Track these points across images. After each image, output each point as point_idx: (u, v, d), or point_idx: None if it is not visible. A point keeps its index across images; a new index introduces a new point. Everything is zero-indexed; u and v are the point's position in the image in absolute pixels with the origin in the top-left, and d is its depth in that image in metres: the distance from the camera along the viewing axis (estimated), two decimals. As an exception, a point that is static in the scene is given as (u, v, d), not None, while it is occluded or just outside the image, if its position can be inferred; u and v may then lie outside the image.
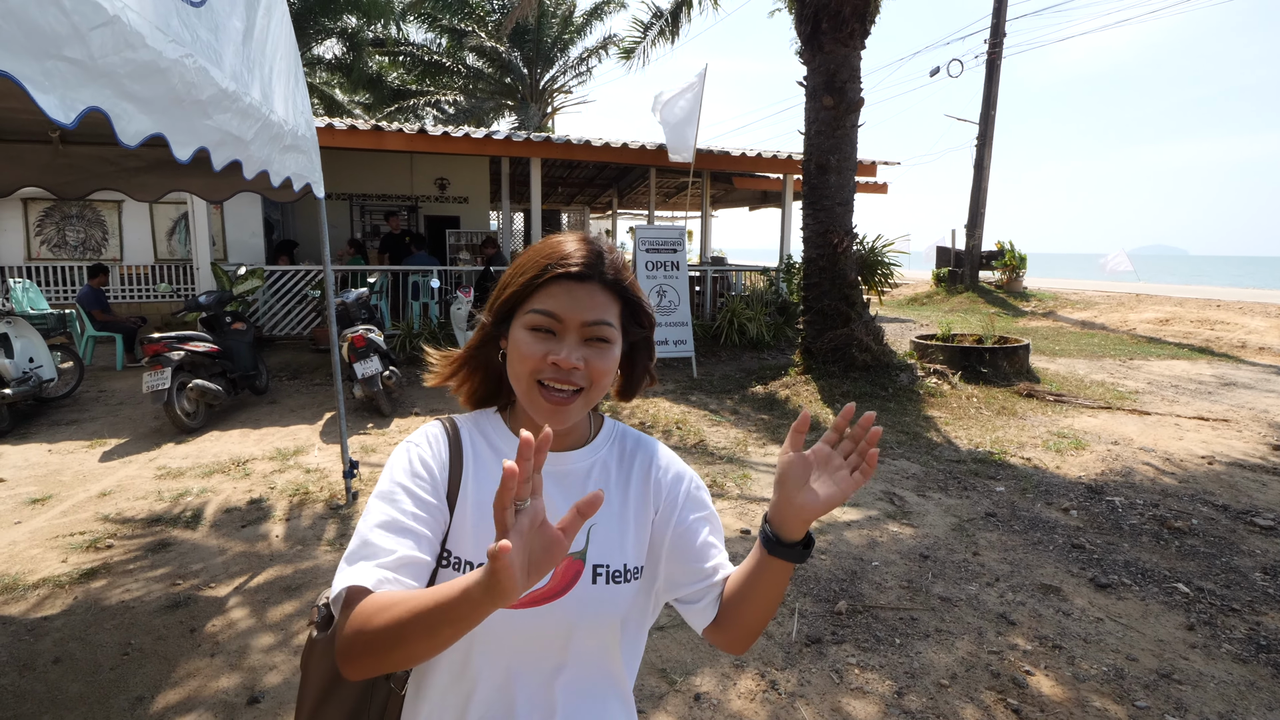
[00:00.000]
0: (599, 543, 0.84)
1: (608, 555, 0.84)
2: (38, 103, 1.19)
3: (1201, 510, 3.91)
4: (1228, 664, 2.50)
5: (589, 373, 0.79)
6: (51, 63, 1.26)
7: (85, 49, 1.35)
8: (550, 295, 0.79)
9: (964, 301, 15.01)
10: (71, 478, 4.38)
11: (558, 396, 0.78)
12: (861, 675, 2.42)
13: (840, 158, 6.86)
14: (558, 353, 0.77)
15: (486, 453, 0.86)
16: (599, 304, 0.80)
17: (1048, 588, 3.04)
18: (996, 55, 14.74)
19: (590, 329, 0.79)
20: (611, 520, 0.86)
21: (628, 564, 0.85)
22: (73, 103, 1.32)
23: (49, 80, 1.26)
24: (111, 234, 10.27)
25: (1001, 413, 6.07)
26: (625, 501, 0.88)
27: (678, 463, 0.94)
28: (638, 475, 0.90)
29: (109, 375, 7.33)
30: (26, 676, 2.41)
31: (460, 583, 0.60)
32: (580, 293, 0.79)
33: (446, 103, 21.28)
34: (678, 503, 0.90)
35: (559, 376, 0.77)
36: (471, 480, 0.84)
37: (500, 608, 0.59)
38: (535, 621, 0.80)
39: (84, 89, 1.35)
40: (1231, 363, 8.67)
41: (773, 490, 0.81)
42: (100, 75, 1.42)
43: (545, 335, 0.79)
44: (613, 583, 0.83)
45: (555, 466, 0.86)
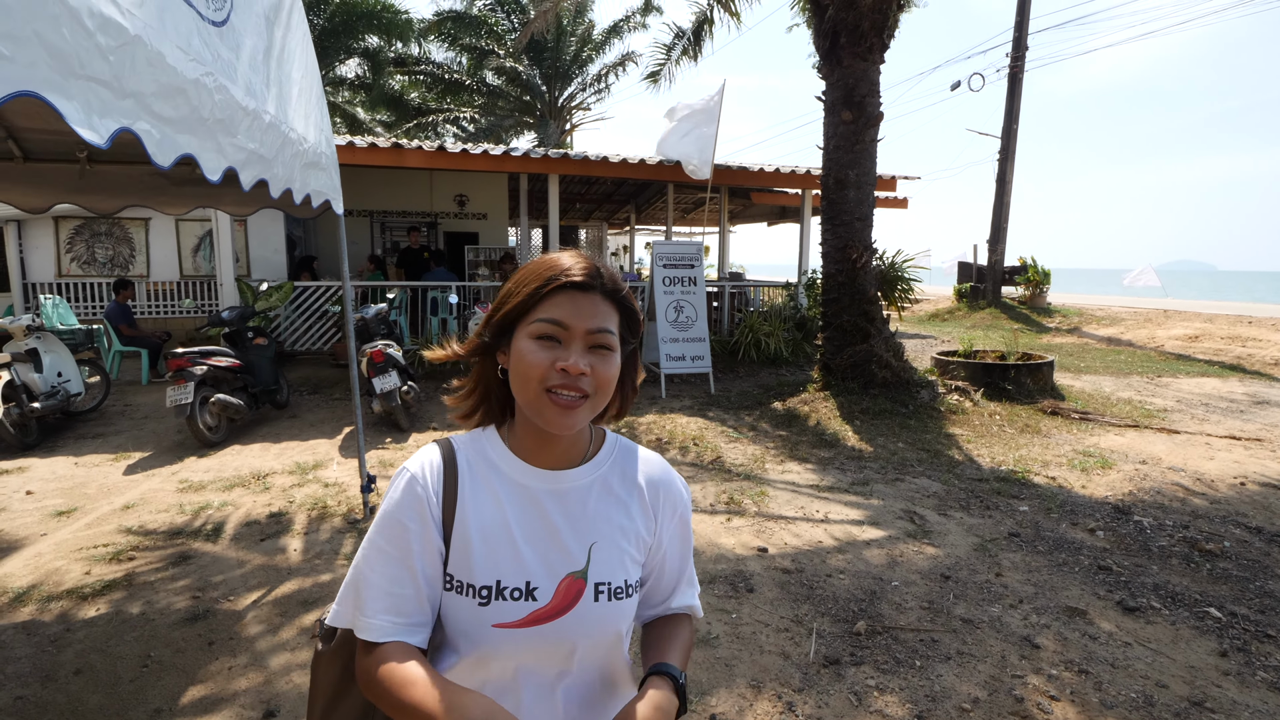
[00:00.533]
0: (600, 561, 0.85)
1: (609, 573, 0.85)
2: (71, 125, 1.22)
3: (1234, 532, 3.79)
4: (1263, 692, 2.40)
5: (595, 379, 0.80)
6: (78, 83, 1.28)
7: (110, 69, 1.37)
8: (555, 305, 0.80)
9: (986, 317, 14.82)
10: (96, 490, 4.46)
11: (567, 399, 0.79)
12: (880, 698, 2.36)
13: (859, 172, 6.84)
14: (566, 359, 0.79)
15: (485, 473, 0.87)
16: (602, 312, 0.82)
17: (1073, 610, 2.95)
18: (1019, 68, 14.67)
19: (595, 336, 0.81)
20: (613, 537, 0.87)
21: (629, 580, 0.87)
22: (103, 124, 1.35)
23: (77, 102, 1.28)
24: (139, 251, 10.53)
25: (1025, 430, 5.96)
26: (628, 515, 0.89)
27: (673, 475, 0.96)
28: (636, 488, 0.91)
29: (134, 389, 7.48)
30: (48, 688, 2.43)
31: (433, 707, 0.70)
32: (584, 301, 0.81)
33: (466, 120, 21.65)
34: (673, 519, 0.93)
35: (567, 382, 0.79)
36: (470, 503, 0.84)
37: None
38: (540, 638, 0.82)
39: (112, 110, 1.38)
40: (1265, 381, 8.44)
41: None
42: (126, 95, 1.45)
43: (551, 344, 0.80)
44: (614, 599, 0.85)
45: (556, 484, 0.86)
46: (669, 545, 0.93)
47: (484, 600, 0.81)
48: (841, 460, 5.16)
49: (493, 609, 0.80)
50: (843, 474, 4.83)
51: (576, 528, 0.85)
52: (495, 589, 0.81)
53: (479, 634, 0.81)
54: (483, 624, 0.80)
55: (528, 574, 0.82)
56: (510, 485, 0.85)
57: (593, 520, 0.86)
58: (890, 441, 5.60)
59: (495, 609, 0.81)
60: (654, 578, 0.94)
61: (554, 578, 0.82)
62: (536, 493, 0.85)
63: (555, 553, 0.84)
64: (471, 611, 0.81)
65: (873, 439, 5.66)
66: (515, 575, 0.81)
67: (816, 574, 3.29)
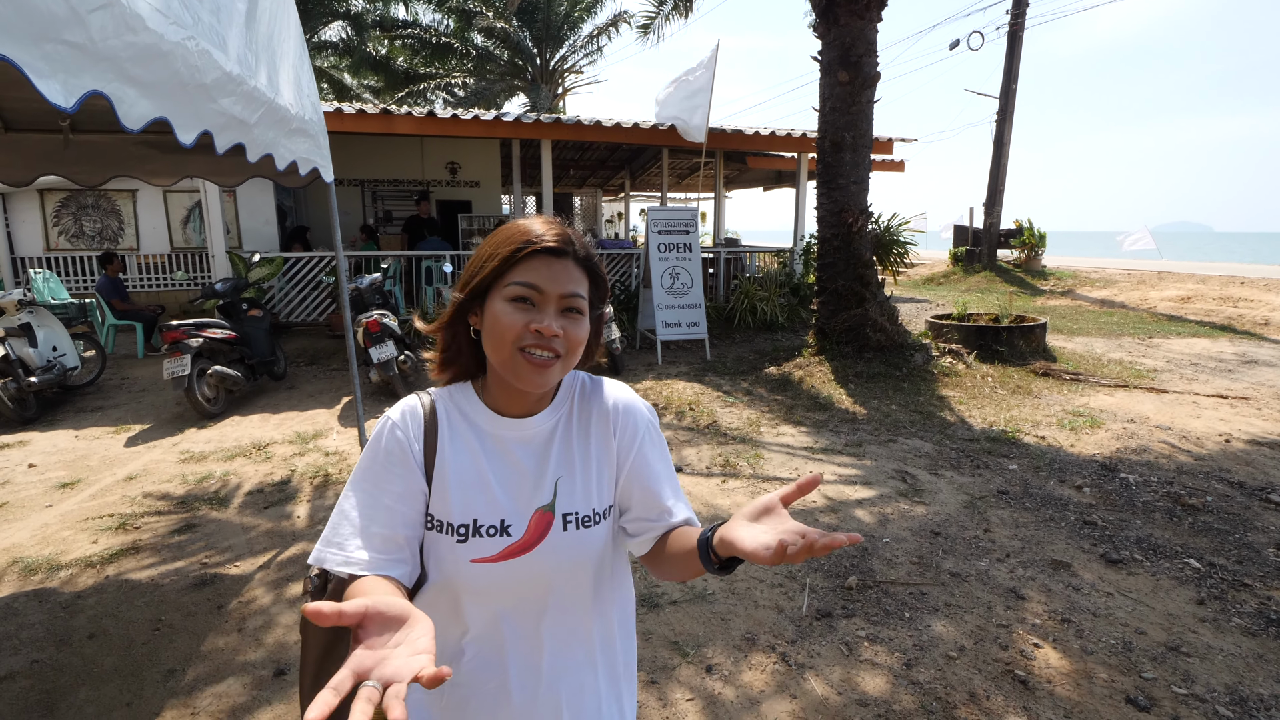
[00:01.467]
0: (565, 493, 0.90)
1: (575, 504, 0.90)
2: (37, 86, 1.20)
3: (1216, 487, 3.88)
4: (1237, 637, 2.50)
5: (566, 341, 0.84)
6: (51, 46, 1.26)
7: (85, 32, 1.34)
8: (530, 269, 0.84)
9: (981, 281, 14.82)
10: (99, 462, 4.51)
11: (540, 359, 0.83)
12: (871, 648, 2.45)
13: (856, 135, 6.77)
14: (540, 321, 0.82)
15: (460, 423, 0.92)
16: (574, 278, 0.86)
17: (1058, 563, 3.04)
18: (1019, 26, 14.38)
19: (567, 300, 0.85)
20: (575, 469, 0.91)
21: (595, 508, 0.91)
22: (73, 87, 1.33)
23: (49, 64, 1.25)
24: (127, 223, 10.41)
25: (1016, 392, 6.02)
26: (587, 447, 0.93)
27: (631, 396, 0.99)
28: (597, 417, 0.95)
29: (130, 363, 7.48)
30: (63, 651, 2.51)
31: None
32: (557, 266, 0.85)
33: (456, 85, 21.18)
34: (636, 435, 0.95)
35: (540, 343, 0.83)
36: (449, 449, 0.89)
37: None
38: (514, 572, 0.86)
39: (85, 73, 1.36)
40: (1254, 340, 8.52)
41: (736, 511, 0.86)
42: (101, 59, 1.43)
43: (525, 306, 0.84)
44: (583, 528, 0.89)
45: (522, 431, 0.92)
46: (636, 462, 0.94)
47: (461, 538, 0.86)
48: (835, 423, 5.23)
49: (470, 545, 0.85)
50: (836, 436, 4.90)
51: (542, 466, 0.90)
52: (472, 527, 0.86)
53: (458, 570, 0.85)
54: (461, 560, 0.85)
55: (501, 512, 0.87)
56: (482, 435, 0.91)
57: (556, 457, 0.91)
58: (884, 404, 5.66)
59: (472, 545, 0.85)
60: (634, 499, 0.94)
61: (525, 514, 0.88)
62: (505, 440, 0.91)
63: (525, 491, 0.89)
64: (450, 549, 0.86)
65: (866, 402, 5.73)
66: (490, 514, 0.87)
67: (810, 532, 3.37)
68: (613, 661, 0.97)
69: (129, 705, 2.22)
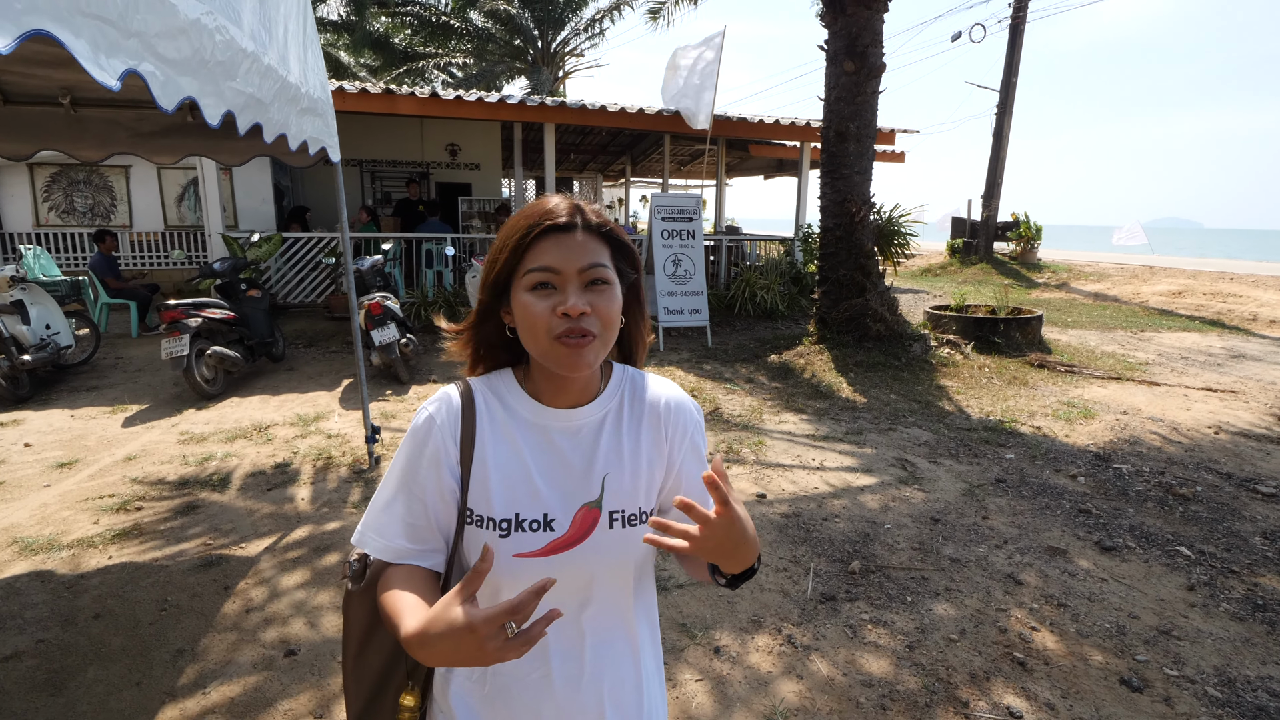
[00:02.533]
0: (613, 490, 0.88)
1: (622, 501, 0.88)
2: (81, 62, 1.20)
3: (1206, 478, 3.96)
4: (1225, 622, 2.57)
5: (597, 316, 0.81)
6: (87, 21, 1.25)
7: (116, 8, 1.34)
8: (542, 251, 0.81)
9: (978, 272, 14.89)
10: (96, 442, 4.48)
11: (575, 341, 0.80)
12: (874, 631, 2.50)
13: (860, 125, 6.76)
14: (564, 302, 0.80)
15: (500, 413, 0.89)
16: (590, 249, 0.82)
17: (1054, 550, 3.10)
18: (1020, 20, 14.34)
19: (588, 273, 0.81)
20: (624, 466, 0.89)
21: (641, 507, 0.89)
22: (110, 64, 1.32)
23: (86, 39, 1.24)
24: (120, 200, 10.26)
25: (1013, 383, 6.09)
26: (637, 444, 0.91)
27: (681, 395, 0.97)
28: (648, 414, 0.93)
29: (125, 342, 7.41)
30: (69, 631, 2.51)
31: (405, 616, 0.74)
32: (570, 242, 0.81)
33: (456, 66, 20.91)
34: (686, 436, 0.94)
35: (571, 326, 0.80)
36: (488, 442, 0.87)
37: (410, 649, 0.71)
38: (559, 566, 0.85)
39: (119, 50, 1.35)
40: (1242, 335, 8.63)
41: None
42: (132, 35, 1.42)
43: (548, 291, 0.81)
44: (628, 526, 0.87)
45: (569, 422, 0.89)
46: (684, 463, 0.93)
47: (504, 532, 0.84)
48: (836, 411, 5.27)
49: (513, 540, 0.84)
50: (837, 424, 4.95)
51: (590, 461, 0.88)
52: (514, 521, 0.84)
53: (501, 564, 0.84)
54: (504, 554, 0.84)
55: (545, 507, 0.85)
56: (525, 425, 0.89)
57: (605, 452, 0.89)
58: (883, 393, 5.71)
59: (515, 540, 0.84)
60: (686, 491, 0.93)
61: (570, 509, 0.86)
62: (551, 431, 0.89)
63: (571, 486, 0.87)
64: (493, 543, 0.84)
65: (866, 390, 5.78)
66: (533, 508, 0.85)
67: (813, 518, 3.42)
68: (650, 654, 0.97)
69: (139, 685, 2.23)
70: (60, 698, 2.16)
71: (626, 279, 0.88)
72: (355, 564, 0.97)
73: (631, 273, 0.90)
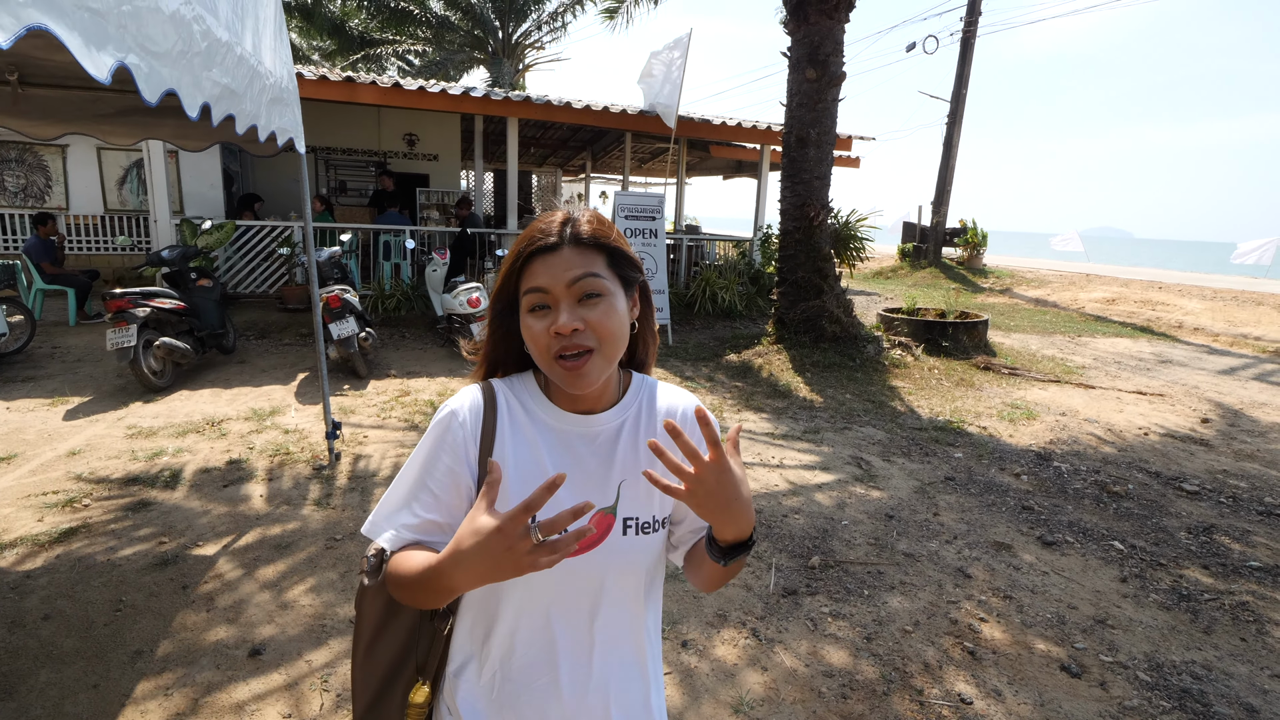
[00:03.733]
0: (628, 498, 0.90)
1: (637, 509, 0.90)
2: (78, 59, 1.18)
3: (1137, 476, 4.24)
4: (1154, 611, 2.78)
5: (592, 329, 0.81)
6: (80, 14, 1.23)
7: (104, 1, 1.32)
8: (533, 273, 0.83)
9: (927, 276, 15.43)
10: (36, 436, 4.27)
11: (571, 362, 0.82)
12: (834, 623, 2.62)
13: (820, 131, 6.94)
14: (555, 322, 0.81)
15: (520, 414, 0.91)
16: (579, 263, 0.82)
17: (1000, 545, 3.29)
18: (971, 34, 14.88)
19: (578, 286, 0.81)
20: (639, 475, 0.90)
21: (655, 515, 0.91)
22: (102, 58, 1.30)
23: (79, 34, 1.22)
24: (55, 181, 9.70)
25: (960, 384, 6.37)
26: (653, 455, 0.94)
27: (692, 405, 0.96)
28: (662, 424, 0.93)
29: (62, 331, 7.04)
30: (16, 633, 2.41)
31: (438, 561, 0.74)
32: (555, 260, 0.82)
33: (414, 54, 20.45)
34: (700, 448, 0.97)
35: (566, 344, 0.81)
36: (508, 443, 0.88)
37: (458, 585, 0.72)
38: (571, 570, 0.87)
39: (107, 42, 1.33)
40: (1169, 342, 9.21)
41: None
42: (118, 27, 1.39)
43: (544, 312, 0.82)
44: (642, 533, 0.90)
45: (587, 428, 0.91)
46: None
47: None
48: (794, 410, 5.43)
49: None
50: (795, 423, 5.10)
51: (607, 467, 0.90)
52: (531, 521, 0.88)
53: None
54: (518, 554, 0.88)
55: (560, 509, 0.86)
56: (545, 428, 0.90)
57: (621, 460, 0.90)
58: (839, 393, 5.90)
59: None
60: (688, 510, 0.95)
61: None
62: (569, 435, 0.90)
63: (587, 490, 0.88)
64: None
65: (823, 390, 5.95)
66: (549, 510, 0.86)
67: (774, 514, 3.53)
68: (653, 661, 1.00)
69: (95, 687, 2.17)
70: (11, 702, 2.08)
71: (632, 283, 0.89)
72: (373, 559, 0.99)
73: (636, 275, 0.89)
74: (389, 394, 5.39)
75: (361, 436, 4.45)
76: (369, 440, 4.39)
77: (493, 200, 15.62)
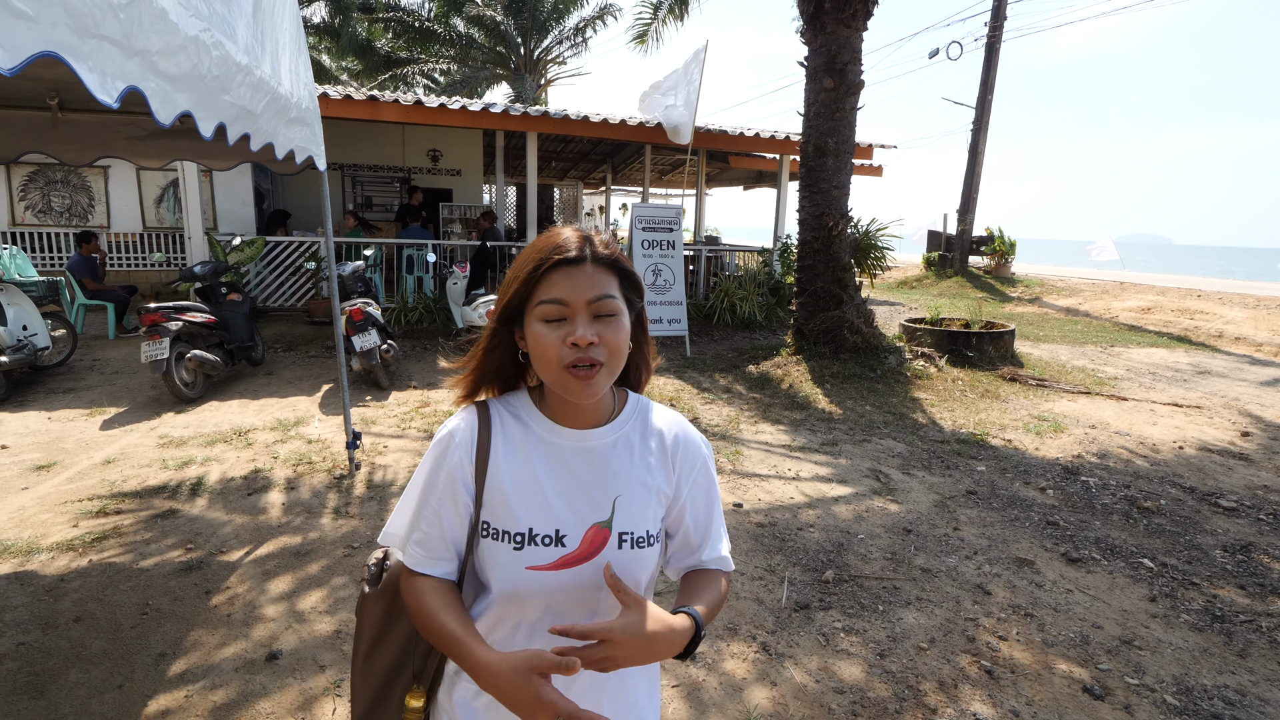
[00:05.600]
0: (623, 512, 0.92)
1: (632, 523, 0.92)
2: (88, 87, 1.24)
3: (1170, 491, 4.11)
4: (1185, 632, 2.68)
5: (605, 346, 0.85)
6: (94, 43, 1.29)
7: (121, 28, 1.38)
8: (553, 284, 0.85)
9: (953, 286, 15.19)
10: (74, 445, 4.43)
11: (583, 372, 0.84)
12: (846, 639, 2.57)
13: (839, 140, 6.91)
14: (573, 333, 0.84)
15: (517, 430, 0.94)
16: (599, 281, 0.86)
17: (1022, 561, 3.21)
18: (996, 39, 14.72)
19: (597, 304, 0.85)
20: (635, 490, 0.93)
21: (650, 530, 0.93)
22: (114, 84, 1.36)
23: (91, 61, 1.29)
24: (98, 200, 10.12)
25: (985, 396, 6.24)
26: (647, 473, 0.95)
27: (689, 430, 1.02)
28: (656, 444, 0.97)
29: (101, 344, 7.31)
30: (49, 634, 2.50)
31: (472, 651, 0.82)
32: (579, 275, 0.85)
33: (439, 72, 20.90)
34: (693, 472, 0.99)
35: (580, 356, 0.84)
36: (503, 459, 0.92)
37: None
38: (569, 580, 0.89)
39: (123, 69, 1.39)
40: (1208, 351, 8.91)
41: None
42: (135, 54, 1.46)
43: (559, 322, 0.85)
44: (637, 548, 0.92)
45: (583, 443, 0.93)
46: (689, 498, 0.98)
47: (518, 545, 0.89)
48: (812, 422, 5.37)
49: (526, 553, 0.89)
50: (813, 435, 5.05)
51: (601, 482, 0.92)
52: (528, 535, 0.89)
53: (514, 575, 0.89)
54: (517, 566, 0.89)
55: (557, 522, 0.89)
56: (540, 443, 0.93)
57: (616, 475, 0.93)
58: (859, 404, 5.83)
59: (528, 553, 0.89)
60: (680, 529, 0.99)
61: (581, 526, 0.90)
62: (565, 450, 0.92)
63: (582, 504, 0.91)
64: (508, 555, 0.89)
65: (842, 402, 5.89)
66: (546, 523, 0.90)
67: (788, 527, 3.50)
68: (649, 673, 1.01)
69: (121, 688, 2.24)
70: (42, 700, 2.16)
71: (634, 308, 0.93)
72: (373, 568, 1.04)
73: (638, 301, 0.94)
74: (409, 405, 5.47)
75: (381, 447, 4.53)
76: (389, 450, 4.47)
77: (515, 214, 15.84)
